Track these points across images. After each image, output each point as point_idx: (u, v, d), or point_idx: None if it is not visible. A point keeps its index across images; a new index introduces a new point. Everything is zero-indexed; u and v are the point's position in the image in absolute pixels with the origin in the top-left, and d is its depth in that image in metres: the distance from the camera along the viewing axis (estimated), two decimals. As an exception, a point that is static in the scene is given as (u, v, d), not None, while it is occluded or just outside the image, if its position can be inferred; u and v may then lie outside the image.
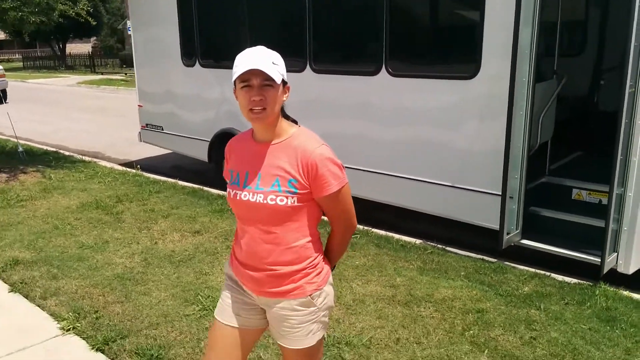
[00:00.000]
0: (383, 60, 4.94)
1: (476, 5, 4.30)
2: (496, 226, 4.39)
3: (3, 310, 3.63)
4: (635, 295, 3.70)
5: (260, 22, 6.19)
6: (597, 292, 3.71)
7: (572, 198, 4.62)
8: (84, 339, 3.23)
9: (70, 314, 3.47)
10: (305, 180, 1.76)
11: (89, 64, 36.76)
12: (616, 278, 3.89)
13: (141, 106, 8.06)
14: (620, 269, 3.91)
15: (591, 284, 3.87)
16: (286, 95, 1.82)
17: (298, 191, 1.76)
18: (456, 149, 4.62)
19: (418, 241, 4.79)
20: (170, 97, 7.53)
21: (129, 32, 23.95)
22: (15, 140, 8.51)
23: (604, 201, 4.42)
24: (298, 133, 1.83)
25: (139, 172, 7.44)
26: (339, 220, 1.90)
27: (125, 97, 19.71)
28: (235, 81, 1.75)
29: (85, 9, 9.32)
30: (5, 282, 4.00)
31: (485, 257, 4.41)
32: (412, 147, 4.90)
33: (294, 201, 1.77)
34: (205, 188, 6.65)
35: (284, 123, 1.83)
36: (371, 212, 5.29)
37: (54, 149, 9.28)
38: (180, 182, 6.93)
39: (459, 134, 4.58)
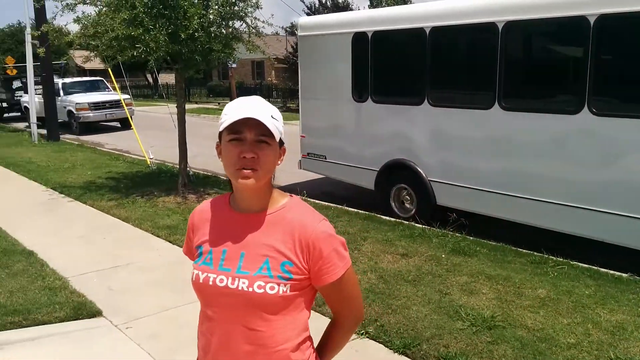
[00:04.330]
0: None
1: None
2: None
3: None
4: None
5: (443, 60, 6.67)
6: None
7: None
8: (380, 342, 3.69)
9: (356, 320, 3.94)
10: (303, 264, 1.42)
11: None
12: None
13: (304, 137, 8.69)
14: None
15: None
16: (281, 159, 1.48)
17: (293, 277, 1.42)
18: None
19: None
20: (336, 130, 8.12)
21: (231, 66, 25.20)
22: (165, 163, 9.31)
23: None
24: (292, 204, 1.51)
25: (306, 197, 8.00)
26: (346, 310, 1.55)
27: (230, 125, 20.83)
28: (221, 133, 1.43)
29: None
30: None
31: None
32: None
33: (287, 289, 1.41)
34: (377, 215, 7.10)
35: (274, 191, 1.51)
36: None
37: (210, 174, 10.08)
38: (349, 208, 7.42)
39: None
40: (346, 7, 30.42)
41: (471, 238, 5.98)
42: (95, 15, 7.46)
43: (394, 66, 7.35)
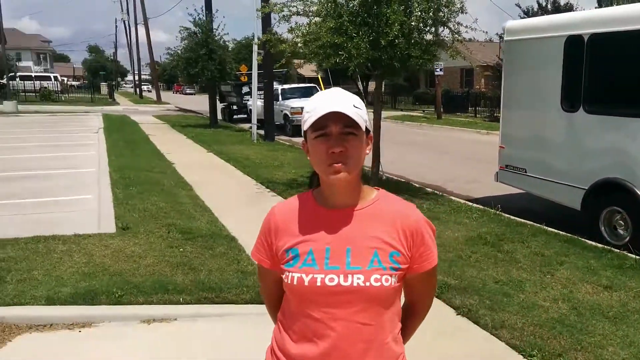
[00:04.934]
0: None
1: None
2: None
3: (462, 333, 3.94)
4: None
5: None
6: None
7: None
8: (562, 381, 3.27)
9: (536, 351, 3.56)
10: (407, 252, 1.42)
11: (386, 101, 40.09)
12: None
13: (503, 147, 8.18)
14: None
15: None
16: (369, 147, 1.44)
17: (401, 267, 1.41)
18: None
19: None
20: (539, 141, 7.48)
21: (437, 73, 25.05)
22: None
23: None
24: (383, 196, 1.49)
25: (500, 212, 7.50)
26: (428, 299, 1.58)
27: (433, 133, 20.75)
28: (306, 131, 1.40)
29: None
30: (447, 304, 4.37)
31: None
32: None
33: (396, 280, 1.40)
34: (580, 238, 6.32)
35: (363, 185, 1.48)
36: None
37: (403, 180, 10.12)
38: (547, 228, 6.73)
39: None
40: (569, 10, 27.86)
41: (701, 278, 4.96)
42: (306, 25, 8.03)
43: (615, 73, 6.49)
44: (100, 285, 4.45)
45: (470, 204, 8.15)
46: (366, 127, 1.41)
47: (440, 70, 25.78)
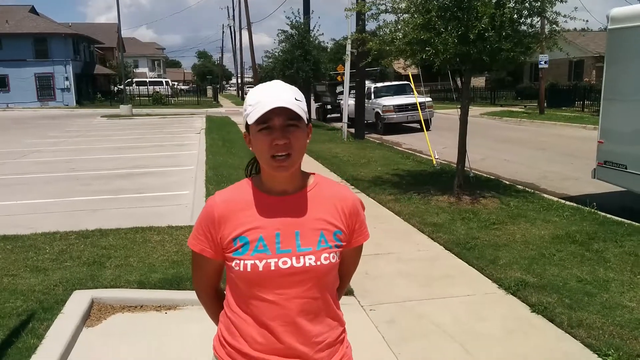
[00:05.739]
0: None
1: None
2: None
3: (534, 330, 3.82)
4: None
5: None
6: None
7: None
8: (638, 385, 3.08)
9: (612, 351, 3.39)
10: (347, 230, 1.55)
11: (485, 96, 38.70)
12: None
13: (601, 142, 7.69)
14: None
15: None
16: (309, 137, 1.50)
17: (342, 243, 1.54)
18: None
19: None
20: (643, 135, 6.95)
21: (541, 66, 23.77)
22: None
23: None
24: (320, 180, 1.58)
25: (594, 210, 7.05)
26: (352, 273, 1.75)
27: (532, 129, 19.76)
28: (249, 124, 1.45)
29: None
30: (523, 302, 4.24)
31: None
32: None
33: (338, 256, 1.52)
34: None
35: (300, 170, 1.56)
36: None
37: (492, 177, 9.79)
38: (650, 228, 6.24)
39: None
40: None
41: None
42: (393, 23, 8.01)
43: None
44: (186, 272, 4.80)
45: (562, 201, 7.74)
46: (307, 118, 1.48)
47: (545, 62, 24.44)
